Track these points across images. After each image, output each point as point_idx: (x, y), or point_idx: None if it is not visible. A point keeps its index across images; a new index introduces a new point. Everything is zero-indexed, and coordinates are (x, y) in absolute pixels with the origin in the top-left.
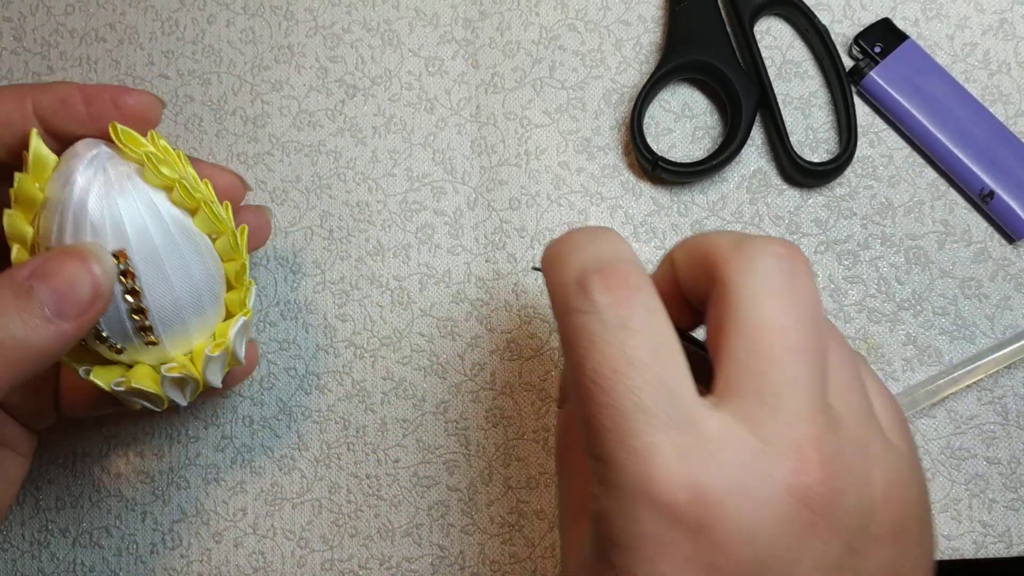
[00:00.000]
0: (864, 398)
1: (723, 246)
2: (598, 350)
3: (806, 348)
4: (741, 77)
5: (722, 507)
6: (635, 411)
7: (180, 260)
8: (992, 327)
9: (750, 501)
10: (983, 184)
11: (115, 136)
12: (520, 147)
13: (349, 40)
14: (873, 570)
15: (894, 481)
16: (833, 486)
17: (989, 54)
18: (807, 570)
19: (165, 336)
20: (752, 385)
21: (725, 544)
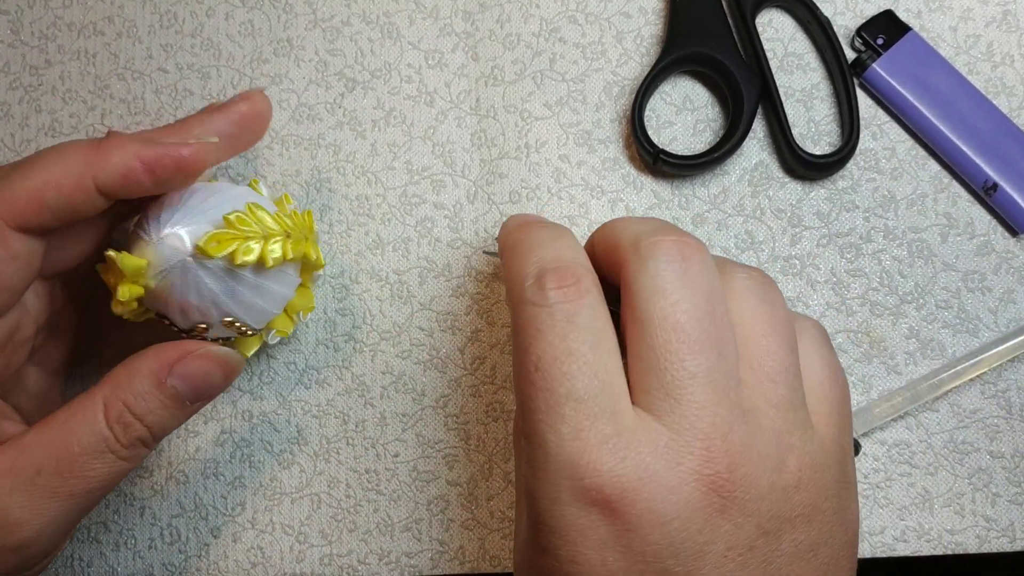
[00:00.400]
0: (790, 386)
1: (623, 245)
2: (544, 339)
3: (702, 342)
4: (743, 69)
5: (636, 493)
6: (567, 397)
7: (266, 292)
8: (995, 320)
9: (662, 488)
10: (986, 177)
11: (200, 251)
12: (520, 140)
13: (348, 33)
14: (788, 550)
15: (807, 465)
16: (741, 473)
17: (992, 46)
18: (720, 551)
19: (258, 327)
20: (656, 380)
21: (640, 527)
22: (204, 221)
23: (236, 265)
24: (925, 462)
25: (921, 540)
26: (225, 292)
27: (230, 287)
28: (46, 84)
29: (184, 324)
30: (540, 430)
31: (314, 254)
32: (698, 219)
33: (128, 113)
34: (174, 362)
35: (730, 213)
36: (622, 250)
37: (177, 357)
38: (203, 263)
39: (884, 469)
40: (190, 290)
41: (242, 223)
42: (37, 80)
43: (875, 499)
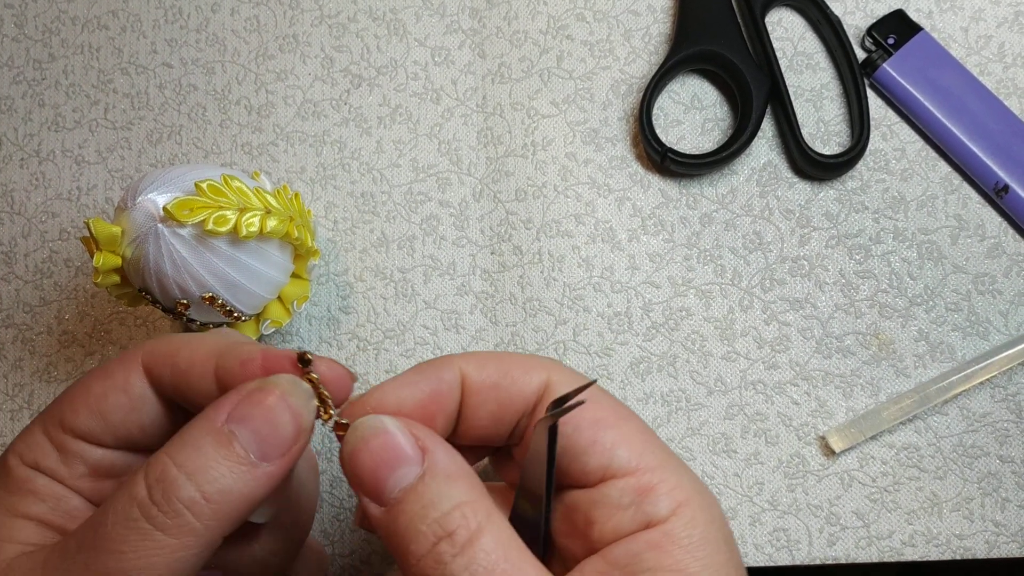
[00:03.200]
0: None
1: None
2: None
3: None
4: (752, 68)
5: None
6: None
7: (249, 270)
8: (1006, 323)
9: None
10: (997, 178)
11: (168, 214)
12: (527, 138)
13: (355, 29)
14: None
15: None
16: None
17: (1004, 47)
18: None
19: (251, 312)
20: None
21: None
22: (178, 190)
23: (207, 233)
24: (934, 466)
25: (929, 545)
26: (201, 264)
27: (206, 259)
28: (50, 78)
29: (165, 300)
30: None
31: (297, 233)
32: (706, 219)
33: (131, 108)
34: (234, 405)
35: (738, 213)
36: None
37: (237, 399)
38: (175, 231)
39: (892, 472)
40: (165, 259)
41: (215, 192)
42: (41, 74)
43: (883, 503)
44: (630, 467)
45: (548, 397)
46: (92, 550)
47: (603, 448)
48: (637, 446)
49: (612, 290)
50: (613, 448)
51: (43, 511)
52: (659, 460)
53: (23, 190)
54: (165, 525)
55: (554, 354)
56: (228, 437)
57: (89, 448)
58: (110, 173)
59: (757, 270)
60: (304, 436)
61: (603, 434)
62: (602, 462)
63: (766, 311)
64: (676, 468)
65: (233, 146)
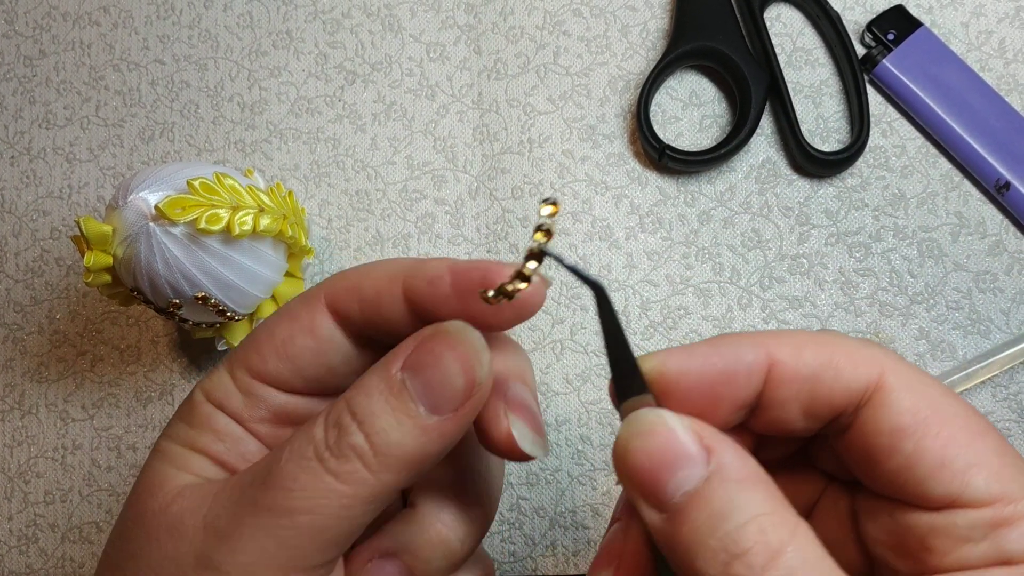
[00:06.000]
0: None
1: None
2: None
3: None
4: (750, 64)
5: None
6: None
7: (242, 269)
8: (1007, 322)
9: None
10: (999, 175)
11: (160, 213)
12: (523, 135)
13: (349, 25)
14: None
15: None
16: None
17: (1005, 42)
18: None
19: (244, 312)
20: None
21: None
22: (170, 188)
23: (199, 232)
24: None
25: None
26: (194, 263)
27: (198, 258)
28: (40, 75)
29: (157, 300)
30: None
31: (291, 232)
32: (704, 216)
33: (123, 105)
34: (408, 352)
35: (737, 210)
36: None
37: (413, 345)
38: (167, 230)
39: None
40: (156, 258)
41: (208, 190)
42: (31, 71)
43: None
44: (986, 497)
45: (879, 398)
46: (263, 485)
47: (953, 474)
48: (995, 469)
49: (610, 288)
50: (966, 474)
51: (220, 450)
52: (1022, 486)
53: (14, 188)
54: (336, 469)
55: (551, 354)
56: (400, 386)
57: (274, 393)
58: (102, 171)
59: (756, 268)
60: (479, 391)
61: (954, 455)
62: (951, 490)
63: (765, 309)
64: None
65: (226, 143)
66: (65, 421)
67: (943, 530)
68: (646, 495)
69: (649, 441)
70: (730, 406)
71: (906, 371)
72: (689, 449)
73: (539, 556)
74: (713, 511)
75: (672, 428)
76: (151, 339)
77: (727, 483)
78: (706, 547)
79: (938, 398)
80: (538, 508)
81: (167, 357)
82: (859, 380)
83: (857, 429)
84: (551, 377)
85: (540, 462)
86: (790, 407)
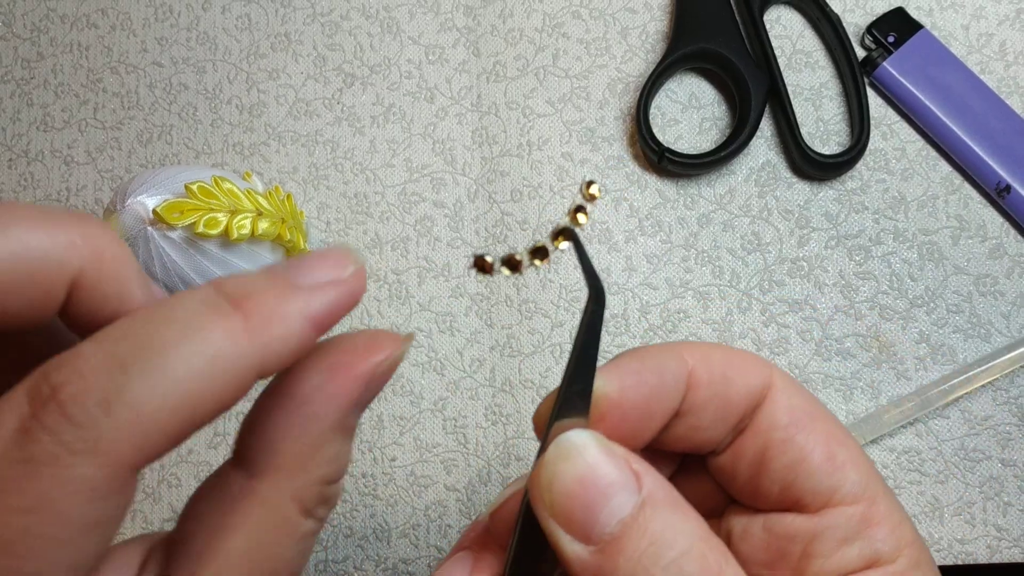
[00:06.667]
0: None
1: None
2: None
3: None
4: (750, 67)
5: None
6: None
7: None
8: (1008, 325)
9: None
10: (999, 178)
11: (158, 217)
12: (522, 137)
13: (347, 28)
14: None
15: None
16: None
17: (1005, 45)
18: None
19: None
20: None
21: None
22: (168, 192)
23: (197, 236)
24: (935, 470)
25: (930, 550)
26: (192, 267)
27: (196, 262)
28: (38, 77)
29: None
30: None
31: (289, 235)
32: (703, 219)
33: (121, 107)
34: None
35: (736, 213)
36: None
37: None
38: (165, 234)
39: (893, 476)
40: (154, 262)
41: (206, 194)
42: (29, 73)
43: None
44: (859, 493)
45: (773, 396)
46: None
47: (835, 467)
48: (864, 466)
49: (609, 292)
50: (846, 468)
51: None
52: (882, 488)
53: (11, 191)
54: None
55: (551, 357)
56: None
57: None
58: (99, 174)
59: (755, 271)
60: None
61: (835, 450)
62: (833, 483)
63: (765, 313)
64: (894, 500)
65: (224, 146)
66: None
67: (823, 532)
68: (572, 526)
69: (579, 466)
70: (660, 420)
71: (786, 375)
72: (619, 476)
73: None
74: (653, 539)
75: (599, 453)
76: None
77: (660, 509)
78: (647, 574)
79: (813, 401)
80: None
81: None
82: (756, 381)
83: (753, 429)
84: (550, 381)
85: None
86: (704, 413)
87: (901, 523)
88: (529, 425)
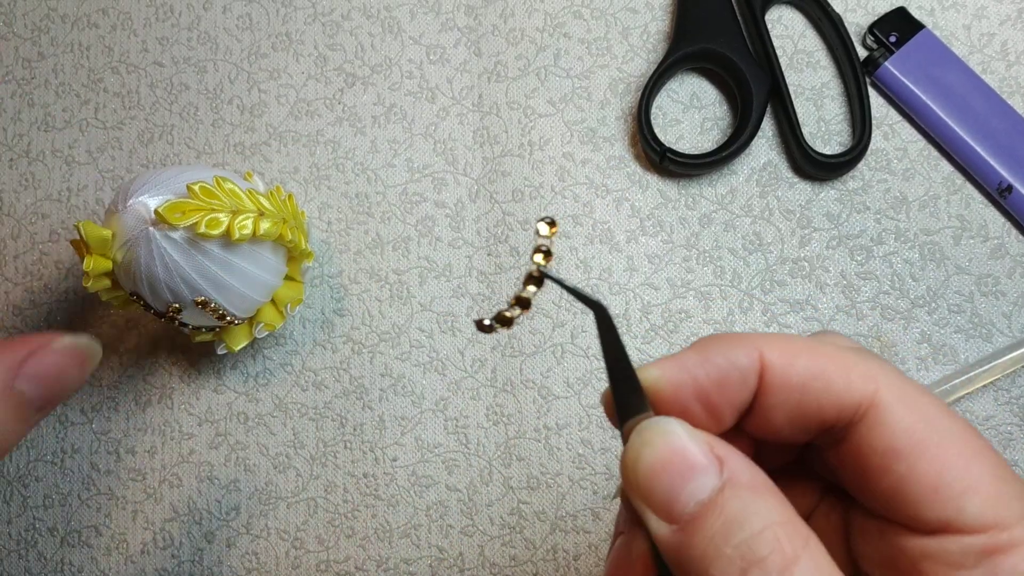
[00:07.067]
0: None
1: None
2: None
3: None
4: (752, 67)
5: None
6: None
7: (241, 273)
8: (1009, 325)
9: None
10: (1001, 178)
11: (160, 218)
12: (523, 137)
13: (349, 27)
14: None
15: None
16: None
17: (1007, 45)
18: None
19: (243, 316)
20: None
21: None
22: (170, 192)
23: (199, 236)
24: None
25: None
26: (193, 268)
27: (198, 262)
28: (39, 77)
29: (156, 304)
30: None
31: (291, 235)
32: (705, 219)
33: (122, 107)
34: (23, 361)
35: (738, 214)
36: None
37: (26, 354)
38: (167, 234)
39: None
40: (156, 263)
41: (207, 194)
42: (30, 73)
43: None
44: (980, 523)
45: (873, 416)
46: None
47: (947, 498)
48: (991, 494)
49: (610, 292)
50: (960, 499)
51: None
52: (1019, 511)
53: (12, 191)
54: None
55: (552, 357)
56: (18, 398)
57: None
58: (101, 173)
59: (757, 271)
60: (85, 378)
61: (949, 478)
62: (945, 515)
63: (766, 313)
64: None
65: (225, 146)
66: (64, 424)
67: (935, 555)
68: (656, 507)
69: (661, 451)
70: (727, 412)
71: (903, 387)
72: (701, 459)
73: (540, 560)
74: (728, 519)
75: (682, 438)
76: (150, 343)
77: (740, 492)
78: (721, 556)
79: (935, 417)
80: (539, 512)
81: (166, 361)
82: (852, 396)
83: (850, 445)
84: (552, 381)
85: (543, 466)
86: (776, 415)
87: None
88: (529, 425)
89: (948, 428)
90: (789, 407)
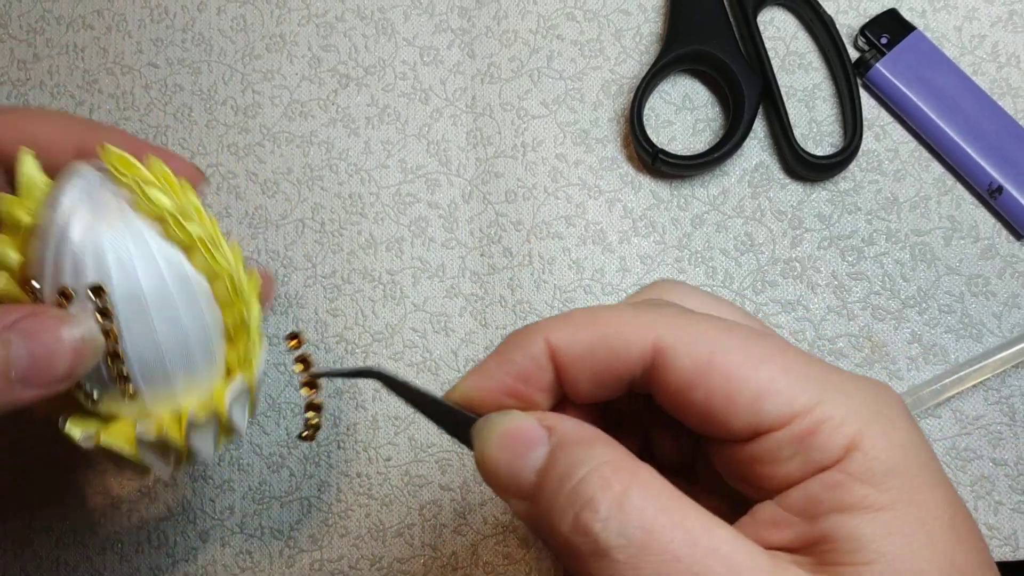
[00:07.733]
0: None
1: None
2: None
3: None
4: (744, 68)
5: None
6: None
7: (167, 303)
8: (999, 325)
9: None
10: (991, 179)
11: (106, 159)
12: (516, 139)
13: (342, 29)
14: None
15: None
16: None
17: (998, 46)
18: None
19: (146, 388)
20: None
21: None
22: None
23: (143, 196)
24: None
25: None
26: (114, 246)
27: (122, 244)
28: (34, 79)
29: (52, 279)
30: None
31: (228, 286)
32: (697, 220)
33: (117, 108)
34: (24, 315)
35: (730, 214)
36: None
37: (29, 311)
38: (108, 186)
39: None
40: (74, 223)
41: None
42: (25, 75)
43: None
44: (782, 418)
45: (660, 361)
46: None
47: (743, 407)
48: (785, 389)
49: (603, 292)
50: (756, 403)
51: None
52: (816, 394)
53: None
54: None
55: None
56: (3, 343)
57: None
58: None
59: (749, 272)
60: (71, 380)
61: (740, 387)
62: (748, 421)
63: (758, 313)
64: (840, 394)
65: (219, 147)
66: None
67: (759, 457)
68: (509, 490)
69: (496, 438)
70: (540, 397)
71: (681, 324)
72: (532, 433)
73: (533, 559)
74: (560, 475)
75: (511, 418)
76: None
77: (568, 448)
78: (558, 508)
79: (716, 339)
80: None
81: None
82: (632, 351)
83: (659, 389)
84: None
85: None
86: (581, 384)
87: (846, 421)
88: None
89: (731, 346)
90: (588, 375)
